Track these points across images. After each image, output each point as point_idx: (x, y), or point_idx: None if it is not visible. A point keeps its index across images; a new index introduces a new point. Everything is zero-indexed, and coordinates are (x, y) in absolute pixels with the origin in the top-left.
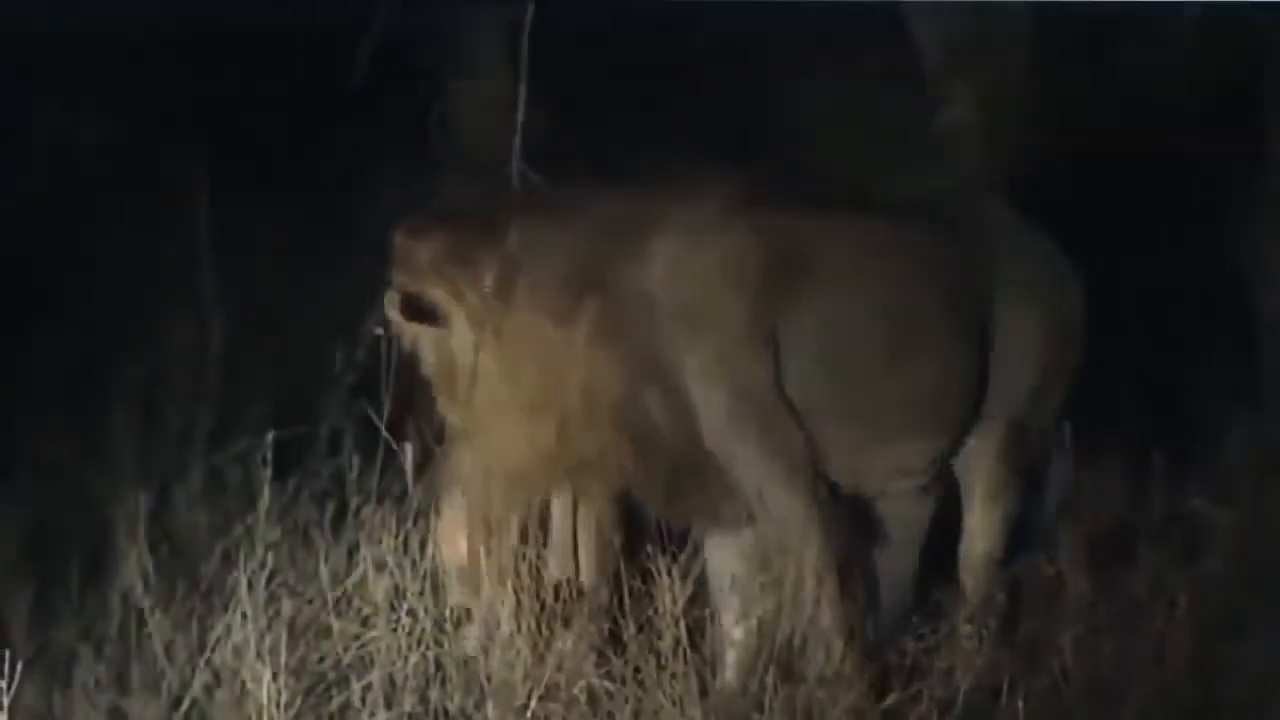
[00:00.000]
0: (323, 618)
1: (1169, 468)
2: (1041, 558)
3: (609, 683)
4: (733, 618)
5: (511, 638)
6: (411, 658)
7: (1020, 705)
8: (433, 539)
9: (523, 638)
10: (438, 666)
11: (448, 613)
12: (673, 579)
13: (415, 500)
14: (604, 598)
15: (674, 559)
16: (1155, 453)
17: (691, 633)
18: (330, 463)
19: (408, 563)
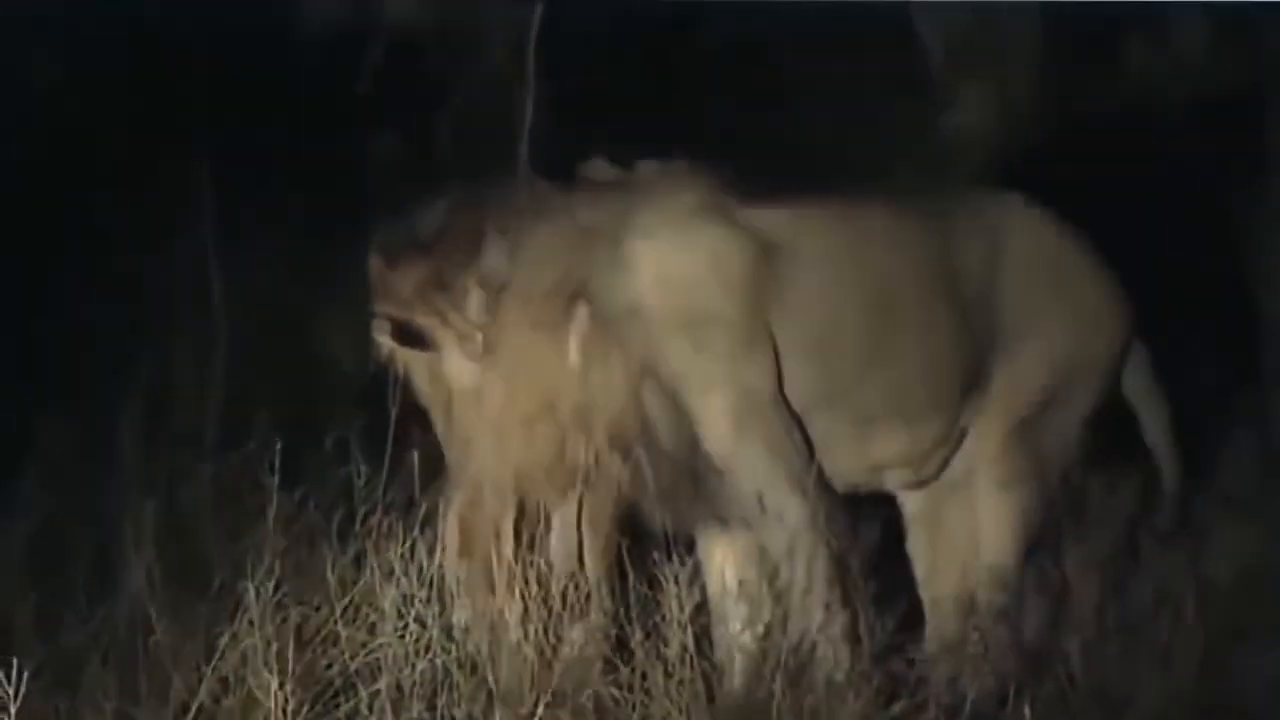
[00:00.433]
0: (330, 625)
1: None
2: (1047, 563)
3: (616, 690)
4: (737, 623)
5: (519, 645)
6: (419, 665)
7: (1027, 712)
8: (439, 546)
9: (530, 645)
10: (445, 674)
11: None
12: (679, 585)
13: (422, 508)
14: (607, 604)
15: (681, 565)
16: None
17: (699, 640)
18: (338, 470)
19: (415, 570)
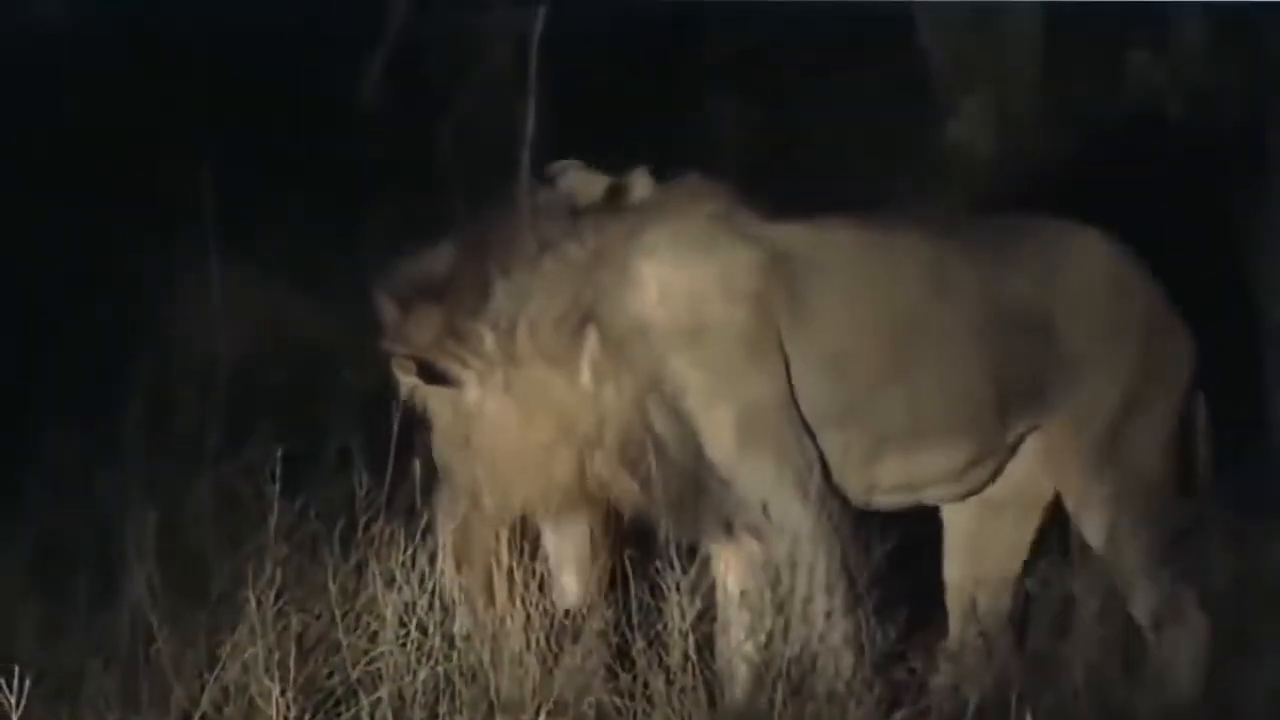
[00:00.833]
0: (332, 634)
1: None
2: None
3: (617, 698)
4: (741, 632)
5: (520, 654)
6: (420, 673)
7: None
8: (441, 556)
9: (531, 654)
10: (447, 682)
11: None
12: (681, 594)
13: (424, 517)
14: (604, 619)
15: (683, 574)
16: None
17: (700, 648)
18: (339, 479)
19: (416, 579)
